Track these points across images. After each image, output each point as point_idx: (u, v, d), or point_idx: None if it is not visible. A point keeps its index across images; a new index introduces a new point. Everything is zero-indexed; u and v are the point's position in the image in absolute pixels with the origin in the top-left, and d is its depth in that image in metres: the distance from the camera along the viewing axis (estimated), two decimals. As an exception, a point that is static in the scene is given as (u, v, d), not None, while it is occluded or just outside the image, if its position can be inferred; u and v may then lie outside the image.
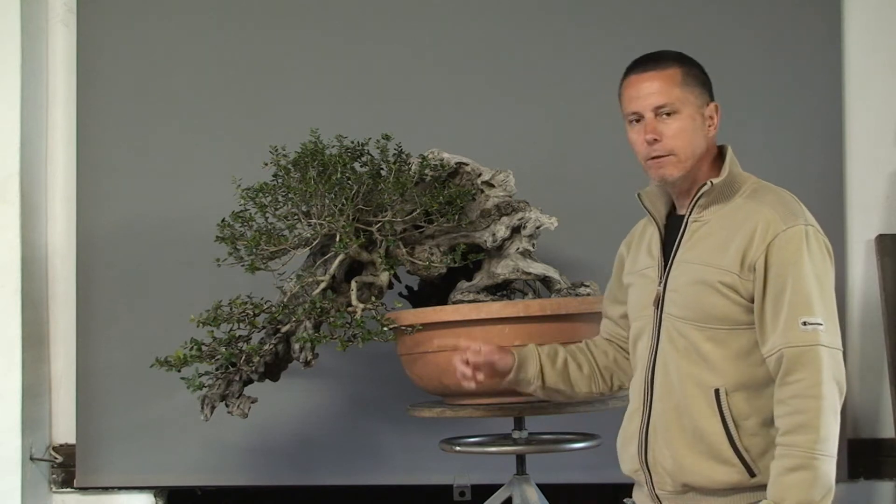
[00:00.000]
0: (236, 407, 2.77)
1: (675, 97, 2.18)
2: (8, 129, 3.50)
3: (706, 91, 2.22)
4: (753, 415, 2.11)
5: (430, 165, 2.86)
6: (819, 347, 2.03)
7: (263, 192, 2.79)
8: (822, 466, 1.99)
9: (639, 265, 2.32)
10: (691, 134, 2.19)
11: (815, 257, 2.09)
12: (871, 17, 3.60)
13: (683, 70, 2.20)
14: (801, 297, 2.05)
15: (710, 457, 2.12)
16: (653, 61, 2.22)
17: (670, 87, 2.19)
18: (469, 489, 3.40)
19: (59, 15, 3.68)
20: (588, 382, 2.43)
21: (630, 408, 2.29)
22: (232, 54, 3.63)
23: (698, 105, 2.20)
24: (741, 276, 2.10)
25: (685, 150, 2.19)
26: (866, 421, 3.54)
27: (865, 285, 3.55)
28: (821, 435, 1.99)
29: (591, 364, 2.44)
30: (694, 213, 2.20)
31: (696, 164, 2.20)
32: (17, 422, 3.46)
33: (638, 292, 2.30)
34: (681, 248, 2.20)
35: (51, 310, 3.64)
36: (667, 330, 2.19)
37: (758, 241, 2.10)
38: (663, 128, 2.18)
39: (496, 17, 3.62)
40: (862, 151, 3.58)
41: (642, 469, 2.22)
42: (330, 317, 2.72)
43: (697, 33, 3.56)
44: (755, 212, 2.13)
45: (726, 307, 2.12)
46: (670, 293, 2.19)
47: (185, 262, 3.52)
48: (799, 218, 2.12)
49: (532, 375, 2.40)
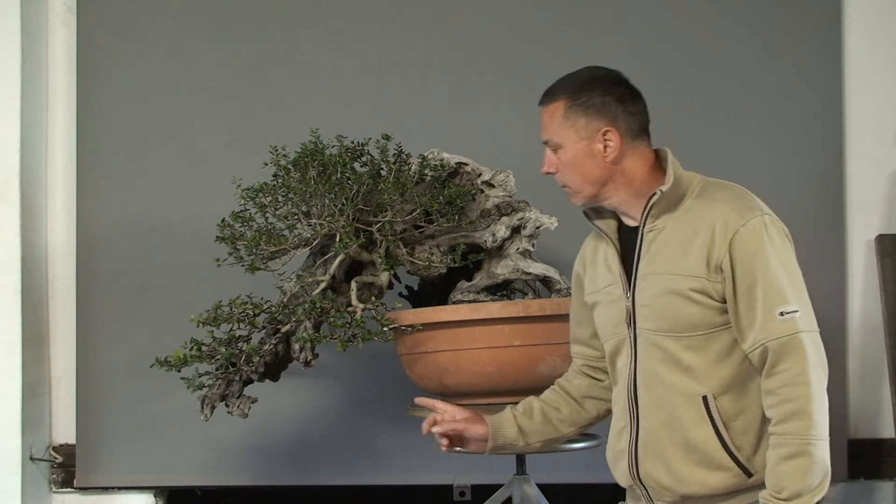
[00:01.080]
0: (236, 407, 2.77)
1: (553, 132, 2.23)
2: (8, 129, 3.50)
3: (598, 118, 2.20)
4: (741, 413, 2.12)
5: (430, 165, 2.86)
6: (800, 334, 2.04)
7: (263, 192, 2.79)
8: (817, 451, 2.01)
9: (599, 283, 2.30)
10: (580, 166, 2.21)
11: (776, 245, 2.10)
12: (871, 17, 3.60)
13: (568, 103, 2.21)
14: (773, 288, 2.06)
15: (705, 465, 2.12)
16: (545, 95, 2.27)
17: (551, 122, 2.24)
18: (469, 489, 3.40)
19: (59, 15, 3.68)
20: (573, 421, 2.43)
21: (616, 425, 2.28)
22: (232, 54, 3.63)
23: (583, 136, 2.20)
24: (709, 279, 2.10)
25: (575, 182, 2.23)
26: (866, 421, 3.54)
27: (865, 285, 3.55)
28: (813, 420, 2.01)
29: (569, 403, 2.43)
30: (648, 223, 2.19)
31: (604, 189, 2.22)
32: (17, 422, 3.46)
33: (605, 311, 2.28)
34: (642, 262, 2.19)
35: (51, 310, 3.64)
36: (644, 345, 2.19)
37: (719, 241, 2.10)
38: (556, 160, 2.25)
39: (496, 17, 3.62)
40: (862, 151, 3.58)
41: (636, 484, 2.23)
42: (330, 317, 2.72)
43: (697, 33, 3.57)
44: (709, 210, 2.13)
45: (700, 313, 2.12)
46: (641, 308, 2.18)
47: (185, 262, 3.52)
48: (754, 210, 2.12)
49: (512, 438, 2.40)
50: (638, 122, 2.22)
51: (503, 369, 2.72)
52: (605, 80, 2.23)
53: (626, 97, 2.21)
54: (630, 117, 2.21)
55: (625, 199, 2.22)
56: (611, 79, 2.24)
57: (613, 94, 2.21)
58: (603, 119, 2.20)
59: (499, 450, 2.43)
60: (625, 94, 2.22)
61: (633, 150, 2.21)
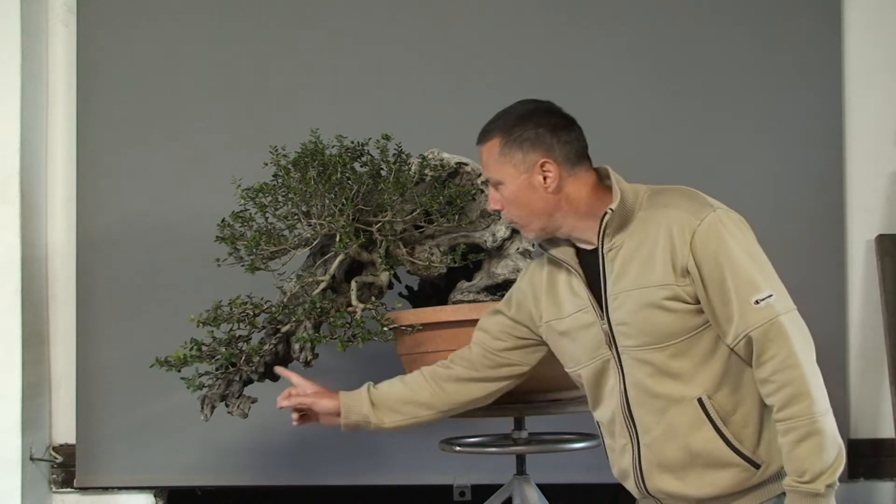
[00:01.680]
0: (236, 407, 2.77)
1: (493, 170, 2.26)
2: (8, 129, 3.50)
3: (533, 151, 2.21)
4: (739, 406, 2.13)
5: (430, 165, 2.86)
6: (779, 318, 2.05)
7: (263, 192, 2.78)
8: (826, 426, 2.02)
9: (566, 310, 2.29)
10: (523, 200, 2.23)
11: (736, 236, 2.11)
12: (871, 17, 3.60)
13: (503, 140, 2.24)
14: (742, 278, 2.07)
15: (712, 466, 2.13)
16: (480, 134, 2.30)
17: (489, 160, 2.26)
18: (469, 489, 3.40)
19: (59, 15, 3.68)
20: (429, 406, 2.47)
21: (618, 443, 2.27)
22: (232, 54, 3.63)
23: (522, 170, 2.22)
24: (678, 284, 2.11)
25: (522, 217, 2.25)
26: (866, 421, 3.54)
27: (865, 285, 3.55)
28: (813, 397, 2.02)
29: (430, 389, 2.46)
30: (605, 243, 2.19)
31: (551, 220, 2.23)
32: (17, 422, 3.46)
33: (579, 337, 2.27)
34: (609, 282, 2.19)
35: (51, 310, 3.65)
36: (629, 362, 2.19)
37: (679, 245, 2.11)
38: (500, 197, 2.27)
39: (496, 17, 3.62)
40: (862, 151, 3.58)
41: (648, 496, 2.24)
42: (330, 317, 2.72)
43: (697, 33, 3.57)
44: (663, 217, 2.14)
45: (678, 320, 2.12)
46: (619, 326, 2.18)
47: (185, 262, 3.52)
48: (706, 207, 2.13)
49: (364, 414, 2.45)
50: (574, 149, 2.24)
51: (503, 369, 2.71)
52: (536, 113, 2.25)
53: (559, 126, 2.24)
54: (566, 146, 2.22)
55: (575, 224, 2.24)
56: (543, 111, 2.26)
57: (546, 125, 2.23)
58: (538, 151, 2.22)
59: (352, 427, 2.47)
60: (558, 124, 2.24)
61: (574, 176, 2.23)
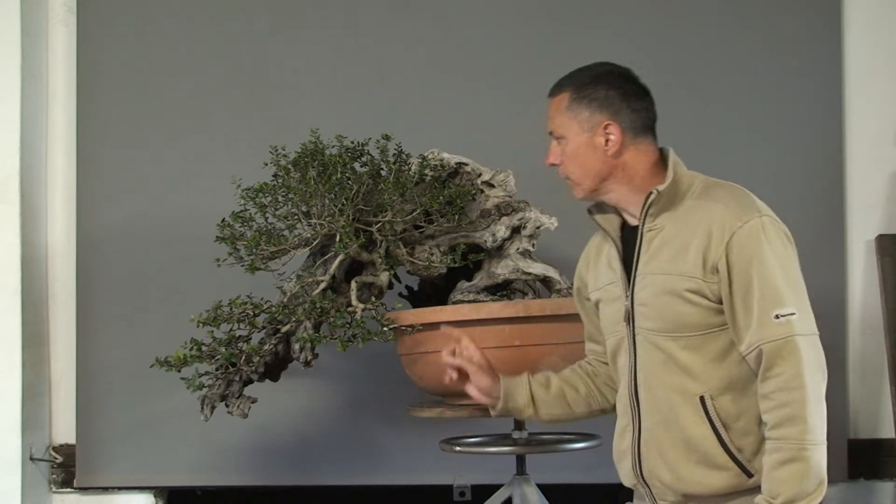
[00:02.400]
0: (236, 407, 2.77)
1: (558, 124, 2.25)
2: (8, 129, 3.50)
3: (601, 111, 2.21)
4: (742, 415, 2.10)
5: (430, 165, 2.86)
6: (795, 338, 2.02)
7: (263, 192, 2.79)
8: (813, 457, 1.99)
9: (601, 281, 2.31)
10: (582, 157, 2.22)
11: (775, 247, 2.08)
12: (871, 17, 3.60)
13: (572, 95, 2.23)
14: (769, 290, 2.05)
15: (705, 464, 2.12)
16: (553, 87, 2.28)
17: (556, 113, 2.26)
18: (469, 489, 3.40)
19: (59, 15, 3.68)
20: (587, 402, 2.42)
21: (620, 424, 2.28)
22: (232, 54, 3.63)
23: (586, 128, 2.21)
24: (705, 279, 2.09)
25: (576, 174, 2.24)
26: (866, 421, 3.54)
27: (865, 285, 3.55)
28: (808, 425, 1.99)
29: (587, 385, 2.42)
30: (647, 222, 2.18)
31: (604, 184, 2.22)
32: (17, 422, 3.46)
33: (608, 309, 2.29)
34: (641, 261, 2.19)
35: (51, 310, 3.64)
36: (642, 344, 2.19)
37: (716, 242, 2.09)
38: (560, 152, 2.26)
39: (496, 17, 3.62)
40: (862, 151, 3.58)
41: (640, 483, 2.23)
42: (330, 317, 2.72)
43: (697, 33, 3.57)
44: (709, 211, 2.12)
45: (696, 314, 2.11)
46: (639, 307, 2.18)
47: (185, 262, 3.51)
48: (753, 211, 2.11)
49: (522, 404, 2.39)
50: (641, 119, 2.22)
51: (503, 369, 2.70)
52: (611, 75, 2.23)
53: (630, 93, 2.22)
54: (633, 113, 2.21)
55: (625, 195, 2.23)
56: (617, 74, 2.24)
57: (618, 89, 2.21)
58: (605, 113, 2.20)
59: (506, 412, 2.41)
60: (630, 91, 2.22)
61: (635, 146, 2.21)
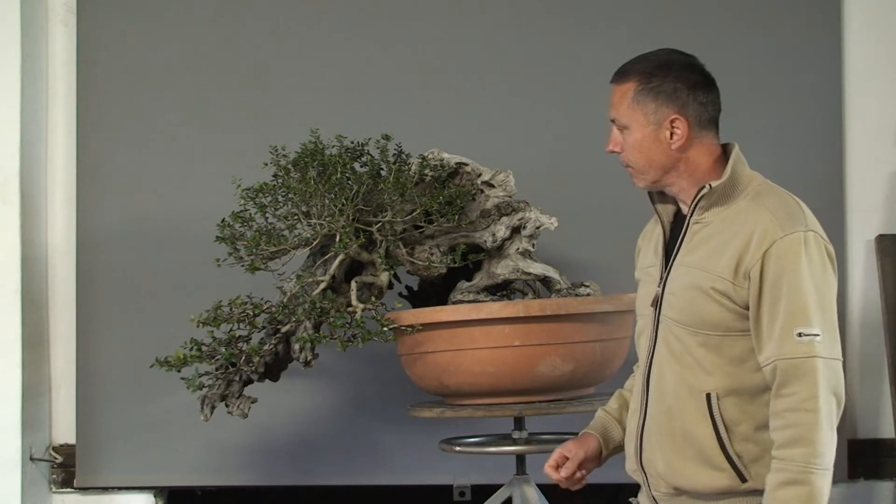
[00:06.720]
0: (236, 407, 2.77)
1: (622, 113, 2.18)
2: (8, 129, 3.50)
3: (668, 105, 2.15)
4: (746, 420, 2.09)
5: (430, 165, 2.86)
6: (815, 359, 1.98)
7: (263, 193, 2.79)
8: (817, 481, 1.96)
9: (645, 263, 2.30)
10: (646, 149, 2.17)
11: (814, 264, 2.05)
12: (871, 17, 3.60)
13: (639, 86, 2.17)
14: (798, 306, 2.01)
15: (701, 461, 2.11)
16: (617, 74, 2.22)
17: (621, 102, 2.18)
18: (469, 489, 3.40)
19: (59, 15, 3.68)
20: None
21: (632, 406, 2.28)
22: (232, 54, 3.63)
23: (652, 121, 2.16)
24: (735, 283, 2.06)
25: (638, 164, 2.19)
26: (866, 421, 3.54)
27: (865, 285, 3.55)
28: (816, 449, 1.96)
29: None
30: (695, 214, 2.16)
31: (666, 176, 2.18)
32: (17, 422, 3.46)
33: (643, 290, 2.28)
34: (681, 251, 2.17)
35: (51, 310, 3.64)
36: (663, 332, 2.17)
37: (753, 249, 2.05)
38: (621, 140, 2.20)
39: (496, 17, 3.62)
40: (862, 151, 3.58)
41: (639, 469, 2.22)
42: (330, 317, 2.72)
43: (698, 33, 3.56)
44: (755, 216, 2.09)
45: (719, 314, 2.09)
46: (668, 295, 2.17)
47: (186, 262, 3.51)
48: (798, 224, 2.07)
49: (621, 437, 2.36)
50: (708, 113, 2.18)
51: (503, 369, 2.72)
52: (678, 66, 2.18)
53: (698, 85, 2.17)
54: (700, 107, 2.17)
55: (685, 188, 2.19)
56: (685, 65, 2.19)
57: (686, 81, 2.16)
58: (673, 106, 2.15)
59: (613, 454, 2.38)
60: (698, 82, 2.18)
61: (700, 140, 2.18)
